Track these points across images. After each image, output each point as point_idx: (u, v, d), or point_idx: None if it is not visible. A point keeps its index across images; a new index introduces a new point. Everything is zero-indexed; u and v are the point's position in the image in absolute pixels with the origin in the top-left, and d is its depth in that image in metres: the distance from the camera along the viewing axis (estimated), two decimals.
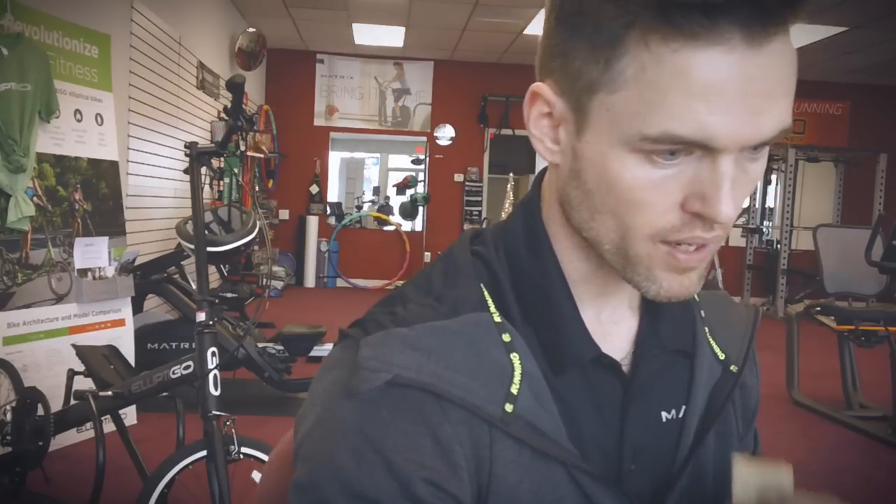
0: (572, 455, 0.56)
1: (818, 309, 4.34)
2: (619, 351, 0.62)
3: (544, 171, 0.64)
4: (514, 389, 0.55)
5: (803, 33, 7.11)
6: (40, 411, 2.45)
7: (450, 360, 0.54)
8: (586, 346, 0.59)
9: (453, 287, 0.60)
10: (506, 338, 0.57)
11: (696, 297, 0.68)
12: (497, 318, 0.58)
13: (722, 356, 0.67)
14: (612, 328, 0.63)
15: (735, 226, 9.39)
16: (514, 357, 0.56)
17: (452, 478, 0.53)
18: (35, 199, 3.07)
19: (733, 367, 0.67)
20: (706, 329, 0.67)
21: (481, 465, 0.54)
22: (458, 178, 9.58)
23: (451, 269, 0.61)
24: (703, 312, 0.68)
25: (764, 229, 9.37)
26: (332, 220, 9.52)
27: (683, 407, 0.64)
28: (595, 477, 0.57)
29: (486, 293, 0.59)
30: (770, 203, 9.63)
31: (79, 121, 3.41)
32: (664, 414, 0.63)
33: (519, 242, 0.62)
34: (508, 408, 0.54)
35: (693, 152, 0.50)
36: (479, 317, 0.57)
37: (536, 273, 0.60)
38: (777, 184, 9.37)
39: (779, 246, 8.35)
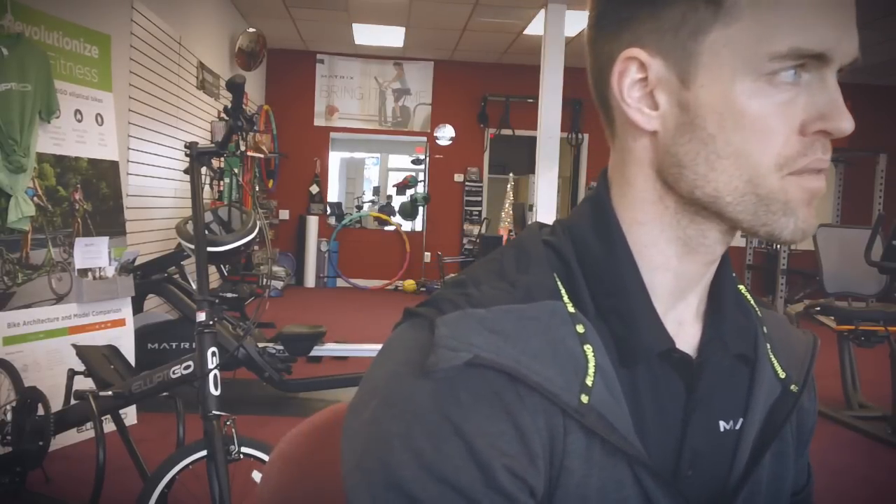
0: (641, 453, 0.55)
1: (818, 309, 4.34)
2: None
3: (606, 170, 0.63)
4: (589, 381, 0.54)
5: None
6: (40, 411, 2.45)
7: (527, 345, 0.53)
8: (660, 336, 0.58)
9: (526, 273, 0.59)
10: (580, 328, 0.56)
11: (759, 312, 0.68)
12: (571, 309, 0.57)
13: (782, 375, 0.66)
14: (677, 330, 0.61)
15: None
16: (588, 349, 0.55)
17: (530, 467, 0.52)
18: (35, 199, 3.07)
19: (793, 387, 0.66)
20: (768, 345, 0.66)
21: (554, 457, 0.54)
22: (458, 178, 9.58)
23: (523, 257, 0.60)
24: (765, 329, 0.67)
25: None
26: (332, 220, 9.52)
27: (741, 419, 0.63)
28: (658, 478, 0.56)
29: (559, 282, 0.58)
30: None
31: (79, 121, 3.41)
32: (722, 423, 0.62)
33: (588, 233, 0.61)
34: (584, 399, 0.53)
35: (802, 76, 0.53)
36: (555, 305, 0.56)
37: (608, 262, 0.59)
38: None
39: (779, 246, 8.35)
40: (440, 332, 0.53)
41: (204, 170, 2.45)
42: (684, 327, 0.62)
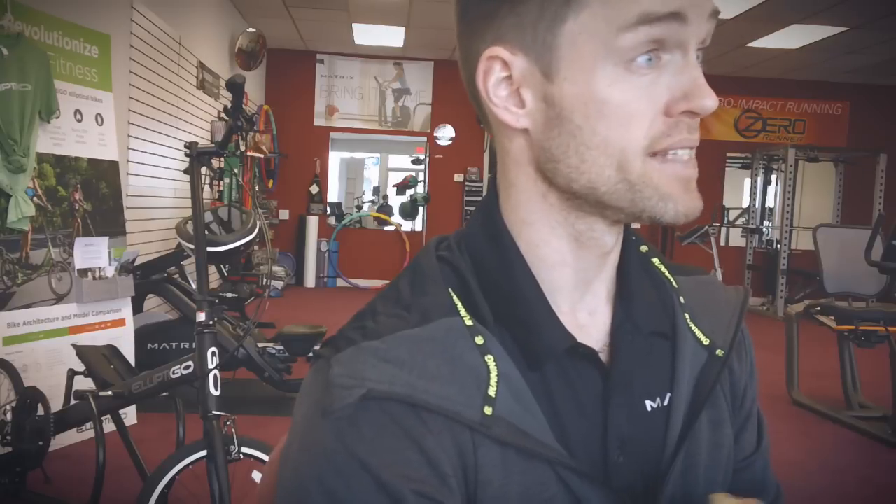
0: (557, 453, 0.55)
1: (818, 309, 4.34)
2: (596, 342, 0.61)
3: (495, 175, 0.64)
4: (492, 392, 0.54)
5: (803, 33, 7.11)
6: (40, 411, 2.45)
7: (423, 368, 0.54)
8: (559, 336, 0.58)
9: (422, 294, 0.59)
10: (479, 340, 0.56)
11: (674, 283, 0.67)
12: (468, 322, 0.57)
13: (706, 341, 0.65)
14: (589, 320, 0.62)
15: (735, 226, 9.42)
16: (489, 359, 0.55)
17: (442, 487, 0.52)
18: (35, 199, 3.07)
19: (719, 352, 0.65)
20: (686, 315, 0.66)
21: (468, 473, 0.54)
22: (458, 178, 9.58)
23: (419, 277, 0.61)
24: (682, 299, 0.67)
25: (764, 229, 9.38)
26: (332, 220, 9.52)
27: (668, 395, 0.62)
28: (581, 474, 0.56)
29: (454, 297, 0.58)
30: (770, 203, 9.63)
31: (79, 121, 3.41)
32: (649, 403, 0.62)
33: (480, 241, 0.61)
34: (487, 411, 0.53)
35: (661, 58, 0.53)
36: (450, 322, 0.56)
37: (500, 269, 0.59)
38: (777, 184, 9.37)
39: (779, 246, 8.35)
40: (333, 371, 0.54)
41: (204, 170, 2.45)
42: (596, 316, 0.62)
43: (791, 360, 4.59)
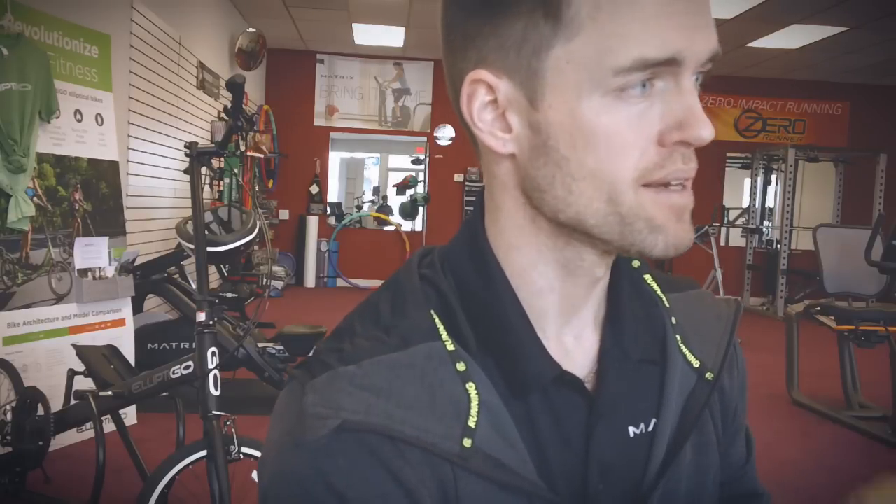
0: (534, 485, 0.53)
1: (818, 309, 4.34)
2: (582, 368, 0.59)
3: (482, 194, 0.61)
4: (472, 422, 0.52)
5: (803, 33, 7.12)
6: (40, 411, 2.45)
7: (401, 397, 0.51)
8: (546, 365, 0.56)
9: (402, 316, 0.56)
10: (460, 367, 0.53)
11: (666, 302, 0.65)
12: (450, 347, 0.54)
13: (696, 364, 0.63)
14: (574, 344, 0.60)
15: (735, 226, 9.41)
16: (471, 387, 0.53)
17: None
18: (35, 199, 3.07)
19: (709, 375, 0.63)
20: (678, 337, 0.63)
21: None
22: (458, 178, 9.58)
23: (399, 297, 0.58)
24: (674, 319, 0.64)
25: (764, 229, 9.38)
26: (332, 220, 9.52)
27: (654, 420, 0.60)
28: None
29: (437, 320, 0.56)
30: (770, 203, 9.63)
31: (79, 121, 3.41)
32: (632, 429, 0.60)
33: (465, 262, 0.59)
34: (467, 443, 0.51)
35: (654, 85, 0.50)
36: (431, 347, 0.54)
37: (485, 294, 0.57)
38: (777, 184, 9.38)
39: (779, 246, 8.36)
40: (307, 399, 0.52)
41: (204, 170, 2.45)
42: (583, 342, 0.60)
43: (791, 360, 4.59)
